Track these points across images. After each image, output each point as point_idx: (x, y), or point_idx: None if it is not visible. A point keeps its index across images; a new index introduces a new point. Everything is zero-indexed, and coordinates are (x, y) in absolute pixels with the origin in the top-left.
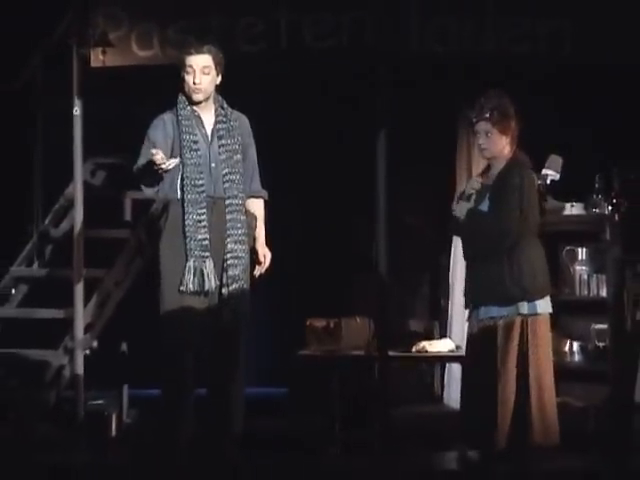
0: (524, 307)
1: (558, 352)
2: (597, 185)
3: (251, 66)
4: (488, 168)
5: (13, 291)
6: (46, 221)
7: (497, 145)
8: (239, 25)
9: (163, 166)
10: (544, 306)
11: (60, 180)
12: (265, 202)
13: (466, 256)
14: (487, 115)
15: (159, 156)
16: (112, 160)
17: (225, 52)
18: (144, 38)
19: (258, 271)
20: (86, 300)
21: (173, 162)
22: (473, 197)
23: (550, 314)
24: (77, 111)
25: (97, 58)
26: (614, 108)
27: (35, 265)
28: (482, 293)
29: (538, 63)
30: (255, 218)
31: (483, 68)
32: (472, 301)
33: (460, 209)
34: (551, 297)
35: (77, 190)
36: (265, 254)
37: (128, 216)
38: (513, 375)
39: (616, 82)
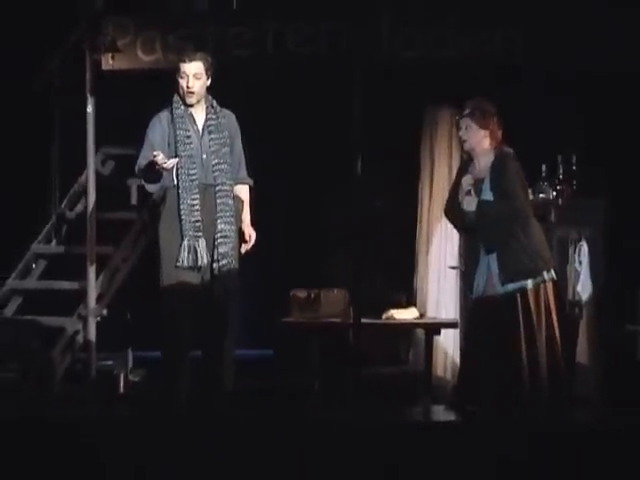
0: (545, 275)
1: None
2: (543, 174)
3: (241, 68)
4: (466, 164)
5: (34, 266)
6: (63, 204)
7: (475, 137)
8: (231, 33)
9: (164, 166)
10: (553, 272)
11: (75, 169)
12: (251, 188)
13: (483, 244)
14: (467, 112)
15: (160, 157)
16: (120, 151)
17: (218, 56)
18: (148, 45)
19: (244, 248)
20: (97, 274)
21: (172, 162)
22: (472, 191)
23: None
24: (90, 109)
25: (107, 62)
26: (559, 106)
27: (53, 243)
28: (512, 272)
29: (493, 66)
30: (242, 202)
31: (445, 71)
32: (505, 281)
33: (469, 204)
34: None
35: (90, 177)
36: (250, 234)
37: (134, 200)
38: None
39: (562, 84)
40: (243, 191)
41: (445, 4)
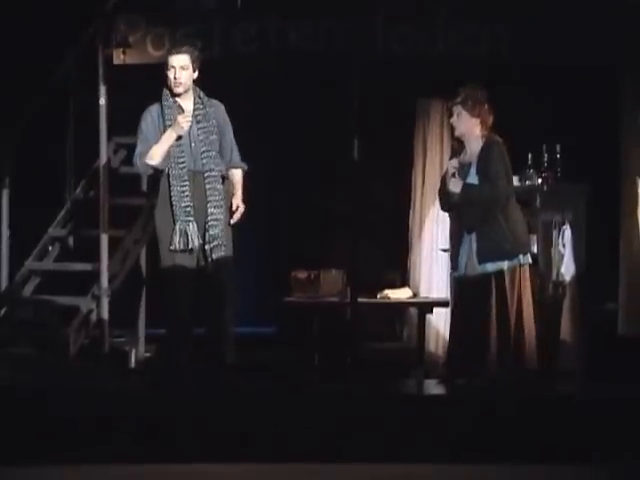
0: (522, 258)
1: None
2: (529, 161)
3: (246, 63)
4: (458, 150)
5: (50, 248)
6: (77, 191)
7: (465, 124)
8: (236, 29)
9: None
10: (529, 257)
11: (89, 157)
12: (245, 172)
13: (465, 225)
14: (459, 100)
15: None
16: (131, 141)
17: (224, 51)
18: (157, 40)
19: (233, 220)
20: (110, 256)
21: (187, 120)
22: (457, 174)
23: None
24: (102, 101)
25: (118, 57)
26: (545, 97)
27: (68, 227)
28: (490, 253)
29: (480, 62)
30: (233, 185)
31: (436, 65)
32: (482, 260)
33: (454, 185)
34: None
35: (102, 165)
36: (238, 205)
37: (144, 186)
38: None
39: (547, 77)
40: (237, 175)
41: (435, 3)
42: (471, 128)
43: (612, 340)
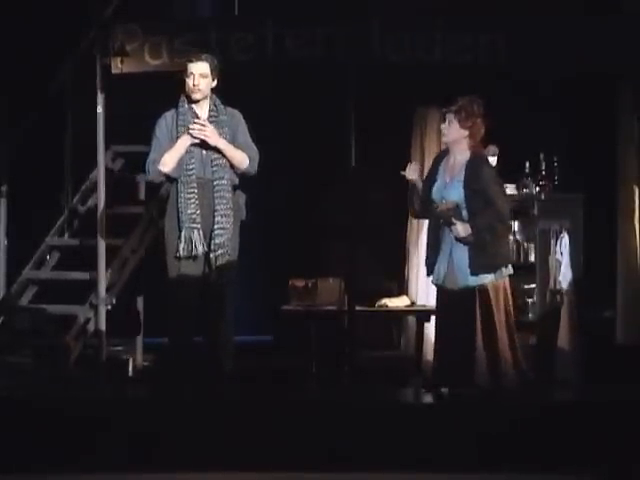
0: (504, 270)
1: None
2: (527, 170)
3: (243, 71)
4: (442, 156)
5: (48, 257)
6: (75, 200)
7: (453, 133)
8: (233, 38)
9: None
10: (511, 267)
11: (86, 166)
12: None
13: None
14: (453, 108)
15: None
16: (129, 149)
17: (222, 60)
18: (155, 49)
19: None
20: (107, 265)
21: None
22: (453, 219)
23: None
24: (100, 109)
25: (116, 66)
26: (542, 105)
27: (66, 236)
28: (478, 266)
29: (478, 69)
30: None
31: (434, 73)
32: (464, 275)
33: (463, 230)
34: None
35: (100, 174)
36: (208, 129)
37: (142, 195)
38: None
39: (544, 85)
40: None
41: (433, 10)
42: (459, 138)
43: (610, 348)
